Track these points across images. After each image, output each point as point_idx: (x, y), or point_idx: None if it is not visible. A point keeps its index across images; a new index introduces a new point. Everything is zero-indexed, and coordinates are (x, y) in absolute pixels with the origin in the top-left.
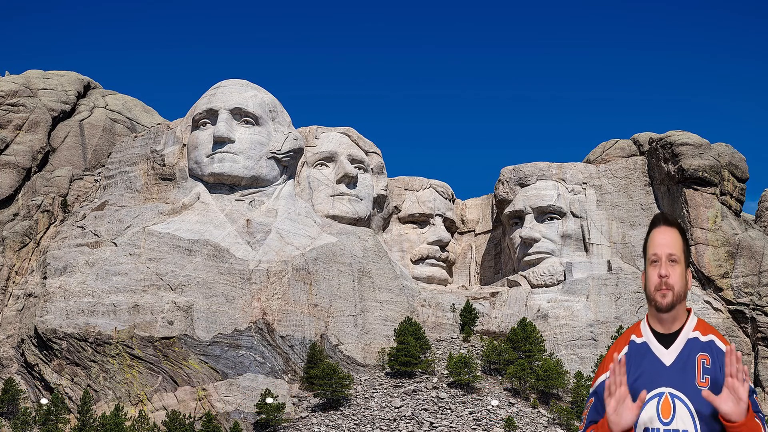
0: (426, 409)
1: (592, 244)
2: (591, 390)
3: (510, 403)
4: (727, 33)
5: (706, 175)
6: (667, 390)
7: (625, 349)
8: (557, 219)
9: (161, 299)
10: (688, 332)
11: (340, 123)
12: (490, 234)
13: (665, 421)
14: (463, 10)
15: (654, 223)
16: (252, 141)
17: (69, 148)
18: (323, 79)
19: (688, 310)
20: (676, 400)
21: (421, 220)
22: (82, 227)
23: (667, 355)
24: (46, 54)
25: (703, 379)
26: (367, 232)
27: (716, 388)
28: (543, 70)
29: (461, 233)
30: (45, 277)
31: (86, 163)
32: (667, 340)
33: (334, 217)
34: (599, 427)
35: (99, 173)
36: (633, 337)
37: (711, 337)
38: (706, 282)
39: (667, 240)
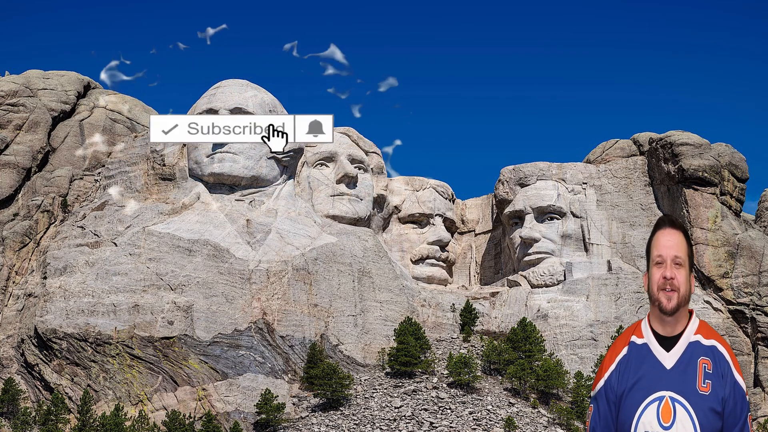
0: (426, 409)
1: (592, 244)
2: (591, 395)
3: (510, 403)
4: (727, 33)
5: (706, 175)
6: (667, 394)
7: (624, 351)
8: (557, 219)
9: (161, 299)
10: (689, 335)
11: (340, 123)
12: (490, 234)
13: (665, 425)
14: (462, 10)
15: (659, 225)
16: None
17: (69, 148)
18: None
19: (690, 312)
20: (677, 404)
21: (421, 220)
22: (82, 227)
23: (668, 359)
24: (46, 54)
25: (704, 384)
26: (367, 232)
27: (717, 396)
28: (543, 70)
29: (461, 233)
30: (45, 277)
31: (86, 163)
32: (668, 342)
33: (334, 217)
34: None
35: (99, 173)
36: (633, 337)
37: (713, 342)
38: (706, 282)
39: (672, 242)
